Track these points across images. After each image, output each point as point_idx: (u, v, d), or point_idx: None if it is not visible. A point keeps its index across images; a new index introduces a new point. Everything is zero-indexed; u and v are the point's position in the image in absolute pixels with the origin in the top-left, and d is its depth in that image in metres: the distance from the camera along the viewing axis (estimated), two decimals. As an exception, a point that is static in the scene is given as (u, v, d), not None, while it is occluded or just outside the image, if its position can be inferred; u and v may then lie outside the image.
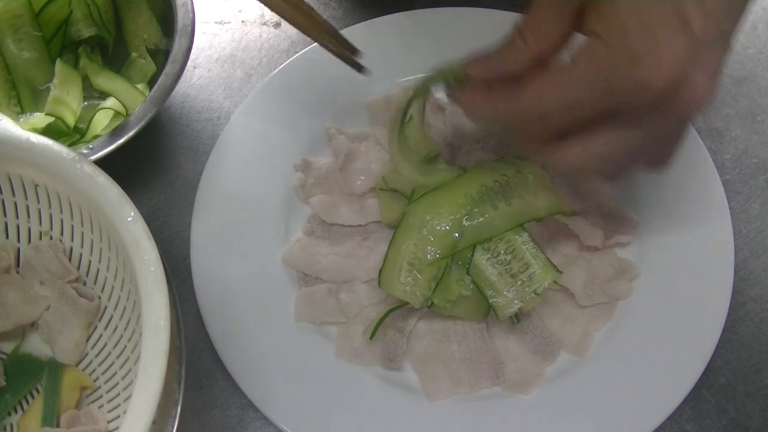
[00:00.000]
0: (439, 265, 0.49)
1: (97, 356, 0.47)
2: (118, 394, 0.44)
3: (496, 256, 0.49)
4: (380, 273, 0.49)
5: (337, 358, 0.50)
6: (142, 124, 0.51)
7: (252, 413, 0.50)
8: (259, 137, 0.57)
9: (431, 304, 0.49)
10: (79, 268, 0.48)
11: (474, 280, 0.49)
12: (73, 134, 0.57)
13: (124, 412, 0.34)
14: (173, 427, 0.38)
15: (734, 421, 0.49)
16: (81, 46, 0.60)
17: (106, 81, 0.59)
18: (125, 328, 0.44)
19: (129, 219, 0.38)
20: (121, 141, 0.50)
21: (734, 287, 0.50)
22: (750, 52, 0.63)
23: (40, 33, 0.58)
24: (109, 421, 0.44)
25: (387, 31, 0.60)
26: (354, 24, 0.61)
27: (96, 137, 0.53)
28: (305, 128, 0.58)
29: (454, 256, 0.49)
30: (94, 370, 0.47)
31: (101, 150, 0.50)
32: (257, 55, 0.64)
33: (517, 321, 0.50)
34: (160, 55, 0.57)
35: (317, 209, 0.55)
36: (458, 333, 0.51)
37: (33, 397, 0.47)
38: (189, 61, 0.54)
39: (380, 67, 0.59)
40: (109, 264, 0.45)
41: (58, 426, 0.44)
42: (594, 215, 0.53)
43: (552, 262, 0.49)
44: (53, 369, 0.46)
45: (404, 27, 0.60)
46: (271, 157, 0.57)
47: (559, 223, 0.53)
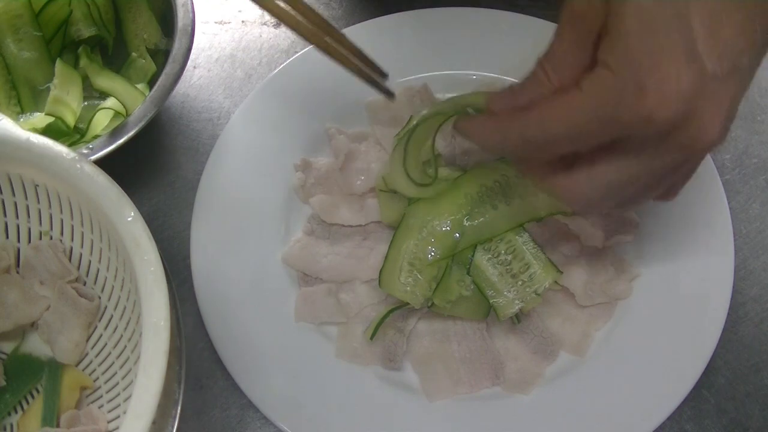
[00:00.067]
0: (439, 265, 0.49)
1: (97, 356, 0.47)
2: (118, 394, 0.44)
3: (497, 257, 0.49)
4: (380, 273, 0.50)
5: (337, 358, 0.50)
6: (142, 124, 0.51)
7: (252, 413, 0.50)
8: (259, 137, 0.57)
9: (431, 304, 0.49)
10: (79, 268, 0.48)
11: (474, 281, 0.49)
12: (73, 134, 0.57)
13: (124, 412, 0.34)
14: (173, 427, 0.38)
15: (734, 421, 0.49)
16: (81, 46, 0.60)
17: (106, 81, 0.59)
18: (125, 328, 0.44)
19: (129, 219, 0.38)
20: (121, 141, 0.50)
21: (734, 287, 0.50)
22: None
23: (40, 33, 0.58)
24: (109, 421, 0.44)
25: (387, 31, 0.60)
26: (354, 24, 0.61)
27: (96, 137, 0.53)
28: (305, 128, 0.58)
29: (455, 257, 0.49)
30: (94, 370, 0.47)
31: (101, 150, 0.50)
32: (257, 55, 0.64)
33: (517, 321, 0.50)
34: (160, 55, 0.57)
35: (317, 209, 0.55)
36: (458, 333, 0.51)
37: (33, 397, 0.47)
38: (189, 61, 0.54)
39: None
40: (109, 264, 0.45)
41: (58, 426, 0.44)
42: (594, 215, 0.53)
43: (552, 262, 0.49)
44: (53, 369, 0.46)
45: (404, 27, 0.60)
46: (271, 157, 0.56)
47: (559, 223, 0.53)
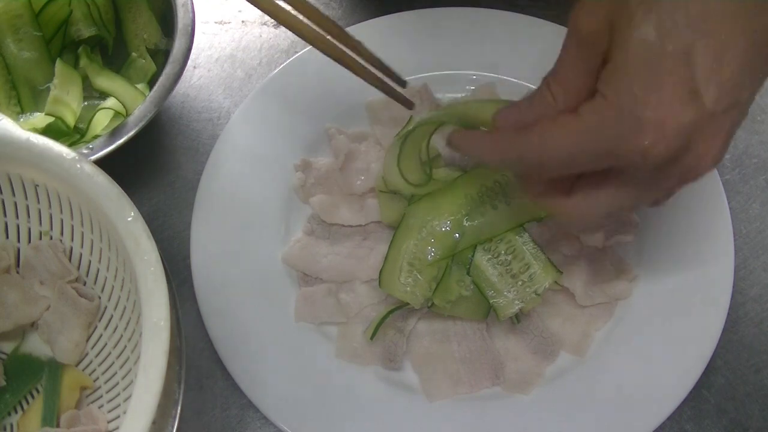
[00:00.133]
0: (439, 265, 0.49)
1: (97, 356, 0.47)
2: (118, 394, 0.44)
3: (497, 257, 0.49)
4: (380, 273, 0.49)
5: (337, 358, 0.50)
6: (142, 124, 0.51)
7: (252, 413, 0.50)
8: (259, 137, 0.57)
9: (431, 304, 0.49)
10: (79, 268, 0.48)
11: (474, 281, 0.49)
12: (73, 134, 0.57)
13: (124, 412, 0.34)
14: (173, 427, 0.38)
15: (734, 421, 0.49)
16: (81, 46, 0.60)
17: (106, 81, 0.59)
18: (125, 328, 0.44)
19: (129, 219, 0.38)
20: (121, 141, 0.50)
21: (734, 287, 0.50)
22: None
23: (40, 33, 0.58)
24: (109, 421, 0.44)
25: (387, 31, 0.60)
26: (354, 24, 0.61)
27: (96, 137, 0.53)
28: (305, 128, 0.58)
29: (455, 257, 0.49)
30: (94, 370, 0.47)
31: (101, 150, 0.50)
32: (257, 55, 0.64)
33: (517, 321, 0.50)
34: (160, 55, 0.57)
35: (317, 209, 0.55)
36: (458, 333, 0.51)
37: (33, 397, 0.47)
38: (189, 61, 0.54)
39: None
40: (109, 264, 0.45)
41: (58, 426, 0.44)
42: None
43: (552, 262, 0.49)
44: (53, 369, 0.46)
45: (404, 27, 0.60)
46: (271, 157, 0.56)
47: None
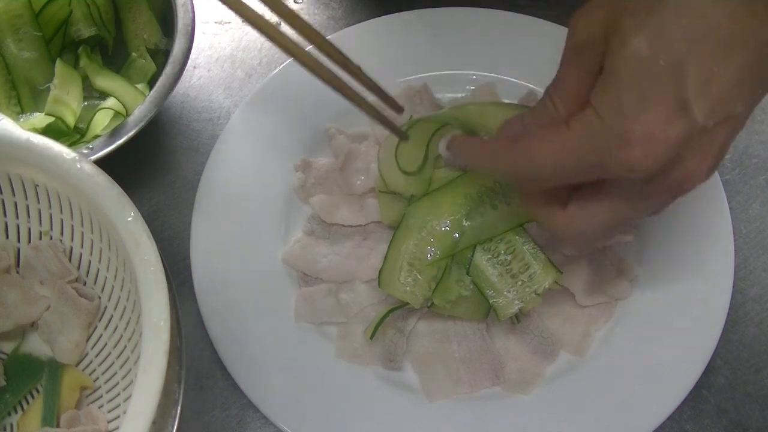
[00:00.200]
0: (439, 265, 0.49)
1: (97, 356, 0.47)
2: (118, 394, 0.44)
3: (497, 257, 0.49)
4: (380, 273, 0.50)
5: (337, 358, 0.50)
6: (142, 124, 0.51)
7: (252, 413, 0.50)
8: (259, 137, 0.57)
9: (431, 304, 0.49)
10: (79, 268, 0.48)
11: (474, 281, 0.49)
12: (73, 134, 0.57)
13: (124, 412, 0.34)
14: (173, 427, 0.38)
15: (734, 421, 0.49)
16: (81, 46, 0.60)
17: (106, 81, 0.59)
18: (125, 328, 0.44)
19: (129, 219, 0.38)
20: (121, 141, 0.50)
21: (734, 287, 0.50)
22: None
23: (40, 33, 0.58)
24: (109, 421, 0.44)
25: (387, 31, 0.60)
26: (354, 24, 0.61)
27: (96, 137, 0.53)
28: (305, 128, 0.58)
29: (454, 257, 0.49)
30: (94, 370, 0.47)
31: (101, 150, 0.50)
32: (257, 55, 0.64)
33: (517, 321, 0.50)
34: (160, 55, 0.57)
35: (317, 209, 0.55)
36: (458, 333, 0.51)
37: (33, 397, 0.47)
38: (189, 61, 0.54)
39: (380, 67, 0.59)
40: (109, 264, 0.45)
41: (58, 426, 0.44)
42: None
43: (552, 262, 0.49)
44: (53, 369, 0.46)
45: (404, 27, 0.60)
46: (271, 157, 0.56)
47: (559, 223, 0.53)
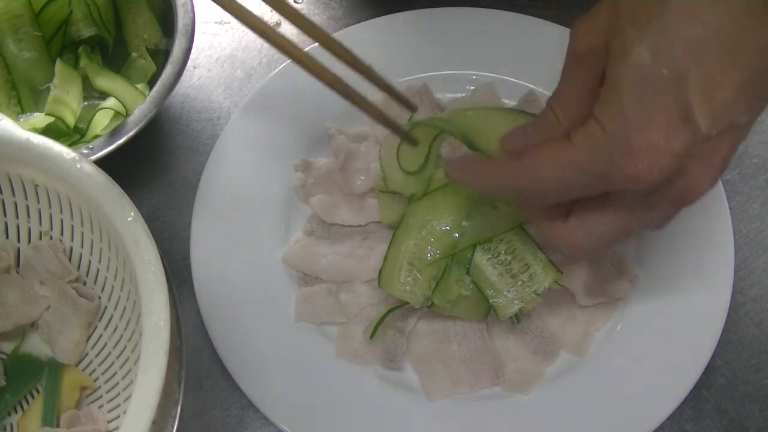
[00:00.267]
0: (438, 265, 0.49)
1: (97, 356, 0.47)
2: (118, 394, 0.44)
3: (497, 257, 0.49)
4: (380, 272, 0.49)
5: (337, 358, 0.50)
6: (142, 124, 0.51)
7: (252, 413, 0.50)
8: (259, 137, 0.57)
9: (431, 304, 0.49)
10: (79, 268, 0.48)
11: (474, 281, 0.49)
12: (73, 134, 0.57)
13: (124, 412, 0.34)
14: (173, 427, 0.38)
15: (734, 421, 0.49)
16: (81, 46, 0.60)
17: (106, 81, 0.59)
18: (125, 328, 0.44)
19: (129, 219, 0.38)
20: (121, 141, 0.50)
21: (734, 287, 0.50)
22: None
23: (40, 33, 0.58)
24: (109, 421, 0.44)
25: (387, 31, 0.60)
26: (354, 24, 0.61)
27: (96, 137, 0.53)
28: (305, 128, 0.58)
29: (454, 256, 0.49)
30: (94, 370, 0.47)
31: (101, 150, 0.50)
32: (257, 55, 0.64)
33: (517, 321, 0.50)
34: (160, 55, 0.57)
35: (317, 209, 0.55)
36: (458, 333, 0.51)
37: (33, 397, 0.47)
38: (189, 61, 0.54)
39: (380, 67, 0.59)
40: (109, 264, 0.45)
41: (58, 426, 0.44)
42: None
43: (552, 262, 0.49)
44: (53, 369, 0.46)
45: (404, 27, 0.60)
46: (271, 157, 0.56)
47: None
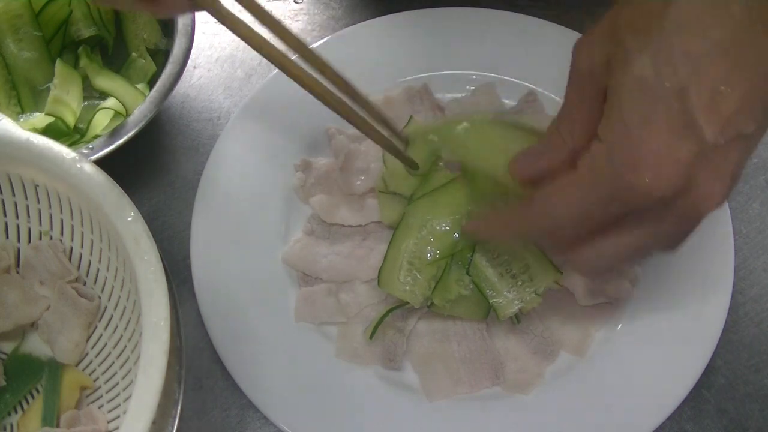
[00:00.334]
0: (438, 264, 0.49)
1: (97, 356, 0.47)
2: (118, 394, 0.44)
3: (497, 257, 0.49)
4: (380, 272, 0.49)
5: (337, 358, 0.50)
6: (142, 124, 0.51)
7: (252, 413, 0.50)
8: (259, 137, 0.57)
9: (431, 303, 0.49)
10: (79, 268, 0.48)
11: (474, 280, 0.49)
12: (73, 134, 0.57)
13: (124, 412, 0.34)
14: (173, 427, 0.38)
15: (734, 421, 0.49)
16: (81, 46, 0.60)
17: (106, 81, 0.59)
18: (125, 328, 0.44)
19: (129, 219, 0.38)
20: (121, 141, 0.50)
21: (734, 287, 0.50)
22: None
23: (40, 33, 0.58)
24: (109, 421, 0.44)
25: (387, 31, 0.60)
26: (354, 24, 0.61)
27: (96, 137, 0.53)
28: (305, 128, 0.58)
29: (454, 256, 0.49)
30: (94, 370, 0.47)
31: (101, 150, 0.50)
32: (257, 55, 0.63)
33: (517, 321, 0.50)
34: (160, 55, 0.57)
35: (317, 209, 0.55)
36: (458, 333, 0.51)
37: (33, 397, 0.47)
38: (189, 61, 0.54)
39: (380, 67, 0.59)
40: (109, 264, 0.45)
41: (58, 426, 0.44)
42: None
43: (552, 262, 0.49)
44: (53, 369, 0.46)
45: (404, 27, 0.60)
46: (271, 157, 0.56)
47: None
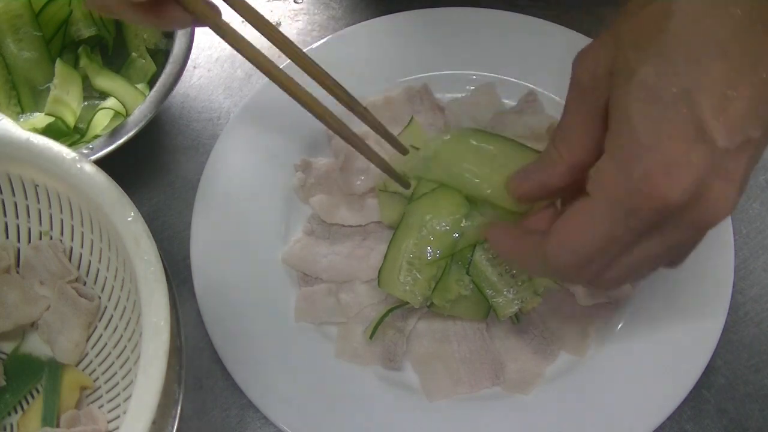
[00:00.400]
0: (438, 264, 0.49)
1: (97, 356, 0.47)
2: (118, 394, 0.44)
3: (497, 256, 0.49)
4: (380, 272, 0.50)
5: (337, 358, 0.50)
6: (142, 124, 0.51)
7: (252, 413, 0.50)
8: (259, 137, 0.57)
9: (431, 303, 0.49)
10: (79, 268, 0.48)
11: (474, 280, 0.49)
12: (73, 134, 0.57)
13: (124, 412, 0.34)
14: (173, 427, 0.38)
15: (734, 421, 0.49)
16: (81, 46, 0.60)
17: (106, 81, 0.59)
18: (125, 328, 0.44)
19: (129, 219, 0.38)
20: (121, 141, 0.50)
21: (734, 287, 0.50)
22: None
23: (40, 33, 0.58)
24: (109, 421, 0.44)
25: (387, 31, 0.60)
26: (354, 24, 0.61)
27: (96, 137, 0.53)
28: (305, 128, 0.57)
29: (454, 256, 0.49)
30: (94, 370, 0.47)
31: (101, 150, 0.50)
32: (257, 55, 0.64)
33: (517, 321, 0.50)
34: (160, 55, 0.57)
35: (317, 209, 0.55)
36: (458, 333, 0.51)
37: (33, 397, 0.47)
38: (189, 61, 0.54)
39: (380, 67, 0.59)
40: (109, 264, 0.45)
41: (58, 426, 0.44)
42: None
43: (552, 262, 0.49)
44: (53, 369, 0.46)
45: (404, 27, 0.60)
46: (271, 156, 0.56)
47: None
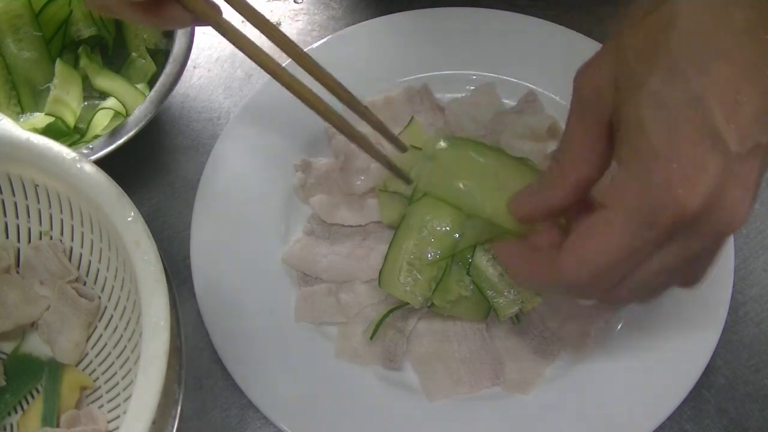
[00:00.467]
0: (439, 265, 0.49)
1: (97, 356, 0.47)
2: (118, 394, 0.44)
3: (497, 257, 0.49)
4: (380, 273, 0.49)
5: (337, 358, 0.50)
6: (142, 124, 0.51)
7: (252, 413, 0.50)
8: (259, 137, 0.57)
9: (431, 304, 0.49)
10: (79, 268, 0.48)
11: (474, 281, 0.49)
12: (73, 134, 0.57)
13: (124, 412, 0.34)
14: (173, 427, 0.38)
15: (734, 421, 0.49)
16: (81, 46, 0.60)
17: (106, 81, 0.59)
18: (125, 328, 0.44)
19: (129, 219, 0.38)
20: (121, 141, 0.50)
21: (734, 287, 0.50)
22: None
23: (40, 33, 0.58)
24: (109, 421, 0.44)
25: (387, 31, 0.60)
26: (354, 24, 0.61)
27: (96, 137, 0.53)
28: (305, 128, 0.57)
29: (455, 257, 0.49)
30: (94, 370, 0.47)
31: (101, 150, 0.50)
32: (257, 55, 0.64)
33: (517, 321, 0.50)
34: (160, 55, 0.57)
35: (317, 209, 0.55)
36: (458, 333, 0.51)
37: (33, 397, 0.47)
38: (189, 61, 0.54)
39: (380, 67, 0.59)
40: (109, 264, 0.45)
41: (58, 426, 0.44)
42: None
43: (552, 262, 0.49)
44: (53, 369, 0.46)
45: (404, 27, 0.60)
46: (272, 156, 0.56)
47: (559, 223, 0.53)
